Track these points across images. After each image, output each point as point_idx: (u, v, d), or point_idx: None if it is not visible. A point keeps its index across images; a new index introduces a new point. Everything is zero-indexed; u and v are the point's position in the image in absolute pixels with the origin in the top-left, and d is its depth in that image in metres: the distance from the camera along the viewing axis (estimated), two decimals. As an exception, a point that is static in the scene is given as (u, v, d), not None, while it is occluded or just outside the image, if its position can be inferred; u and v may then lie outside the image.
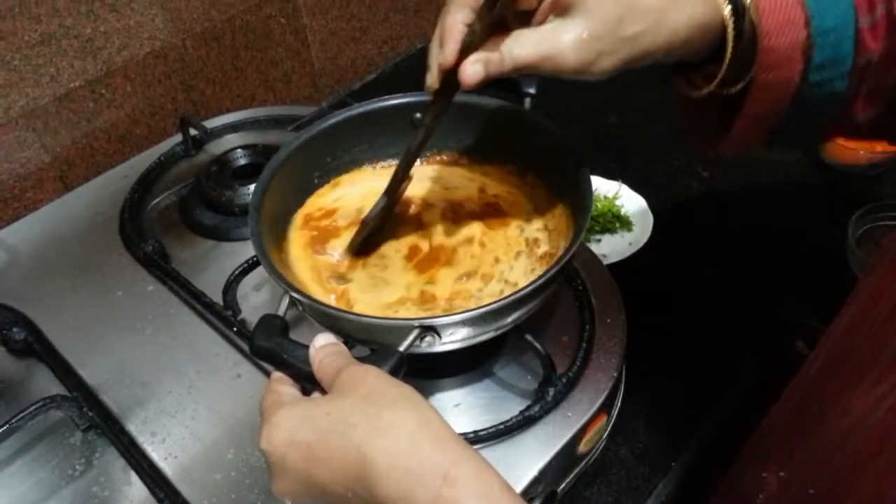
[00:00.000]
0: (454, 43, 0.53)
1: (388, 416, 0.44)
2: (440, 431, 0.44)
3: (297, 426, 0.46)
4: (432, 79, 0.57)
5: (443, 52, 0.54)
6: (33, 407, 0.65)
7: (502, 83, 0.70)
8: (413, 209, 0.73)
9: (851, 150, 0.99)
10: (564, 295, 0.73)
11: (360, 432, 0.43)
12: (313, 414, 0.46)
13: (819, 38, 0.53)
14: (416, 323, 0.53)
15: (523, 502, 0.43)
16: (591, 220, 0.94)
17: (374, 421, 0.44)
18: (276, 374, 0.52)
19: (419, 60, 1.32)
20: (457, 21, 0.53)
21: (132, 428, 0.67)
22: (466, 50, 0.53)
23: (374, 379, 0.47)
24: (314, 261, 0.68)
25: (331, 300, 0.64)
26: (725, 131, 0.59)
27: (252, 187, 0.68)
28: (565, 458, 0.63)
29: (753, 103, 0.56)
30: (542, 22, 0.53)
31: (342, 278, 0.66)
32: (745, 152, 0.61)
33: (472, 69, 0.53)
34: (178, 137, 0.97)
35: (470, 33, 0.53)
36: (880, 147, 1.01)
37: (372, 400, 0.45)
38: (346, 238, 0.69)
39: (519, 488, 0.59)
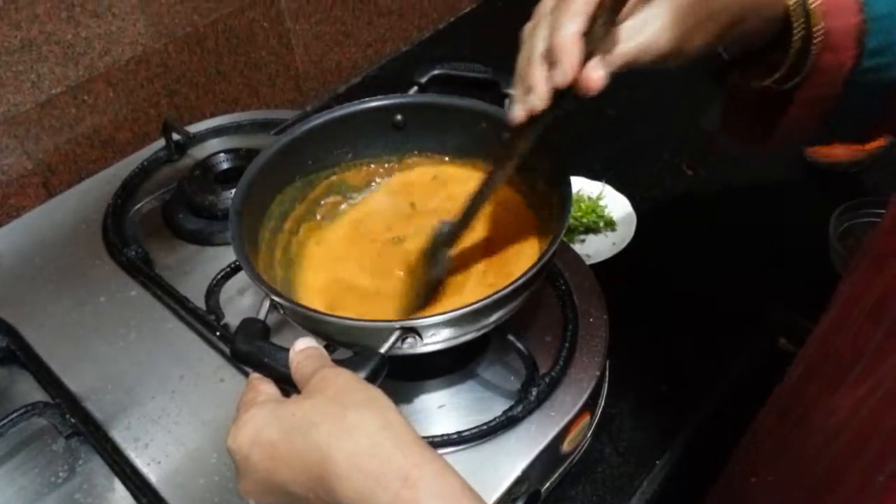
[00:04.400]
0: (573, 57, 0.49)
1: (352, 417, 0.44)
2: (402, 434, 0.44)
3: (262, 426, 0.46)
4: (540, 98, 0.52)
5: (560, 69, 0.50)
6: (15, 414, 0.65)
7: (481, 85, 0.71)
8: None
9: (833, 148, 1.00)
10: (547, 295, 0.73)
11: (323, 433, 0.44)
12: (279, 414, 0.46)
13: (873, 23, 0.55)
14: (397, 325, 0.53)
15: (484, 503, 0.43)
16: (574, 220, 0.94)
17: (338, 422, 0.44)
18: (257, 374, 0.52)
19: (404, 64, 1.34)
20: (571, 33, 0.49)
21: (115, 434, 0.67)
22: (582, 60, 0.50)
23: (344, 381, 0.47)
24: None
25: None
26: (773, 126, 0.62)
27: (234, 191, 0.68)
28: (549, 457, 0.63)
29: (809, 88, 0.58)
30: (626, 18, 0.52)
31: None
32: (794, 143, 0.63)
33: (597, 75, 0.50)
34: (162, 142, 0.97)
35: (588, 41, 0.50)
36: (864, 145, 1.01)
37: (337, 401, 0.45)
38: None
39: (502, 488, 0.59)
